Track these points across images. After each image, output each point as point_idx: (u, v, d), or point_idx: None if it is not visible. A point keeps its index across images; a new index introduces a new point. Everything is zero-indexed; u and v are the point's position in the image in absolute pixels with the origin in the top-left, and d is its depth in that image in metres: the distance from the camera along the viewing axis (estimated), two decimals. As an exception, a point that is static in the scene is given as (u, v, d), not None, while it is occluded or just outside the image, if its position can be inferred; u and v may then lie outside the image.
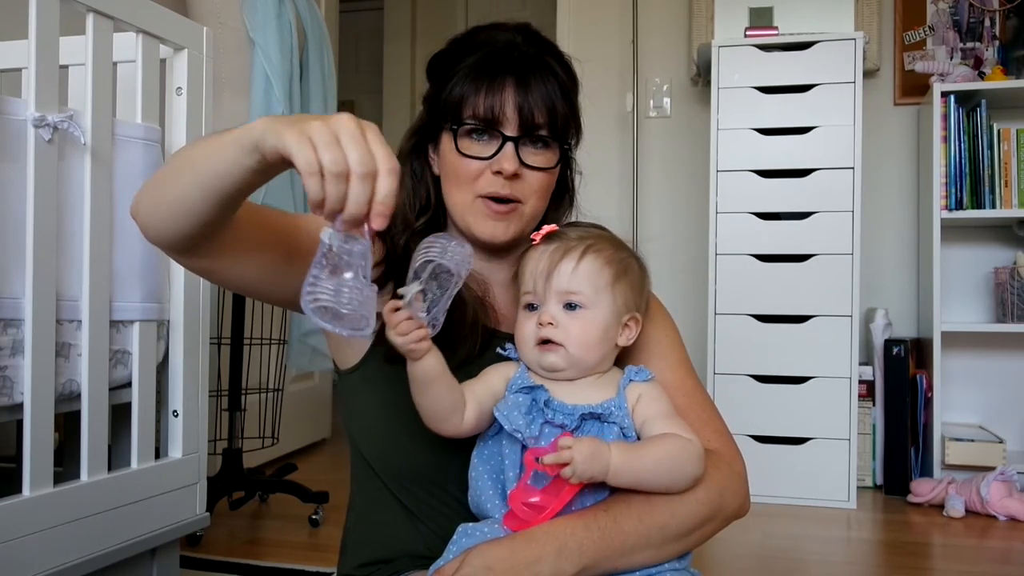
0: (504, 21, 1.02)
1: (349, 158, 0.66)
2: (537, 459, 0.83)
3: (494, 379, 0.92)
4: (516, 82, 0.94)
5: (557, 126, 0.97)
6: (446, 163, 1.00)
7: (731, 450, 1.00)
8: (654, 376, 0.93)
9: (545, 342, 0.89)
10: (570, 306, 0.90)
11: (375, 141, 0.68)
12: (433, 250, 0.80)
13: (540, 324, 0.90)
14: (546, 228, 0.95)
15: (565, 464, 0.80)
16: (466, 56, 0.98)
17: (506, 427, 0.86)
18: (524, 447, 0.87)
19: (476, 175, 0.97)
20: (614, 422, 0.88)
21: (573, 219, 1.09)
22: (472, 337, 0.97)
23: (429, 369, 0.85)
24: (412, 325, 0.81)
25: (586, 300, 0.90)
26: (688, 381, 1.03)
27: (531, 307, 0.92)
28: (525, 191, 0.98)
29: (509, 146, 0.95)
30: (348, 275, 0.70)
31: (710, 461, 0.92)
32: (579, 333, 0.89)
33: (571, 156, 1.06)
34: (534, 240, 0.95)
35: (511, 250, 1.03)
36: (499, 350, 0.95)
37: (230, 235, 0.86)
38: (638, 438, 0.89)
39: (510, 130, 0.95)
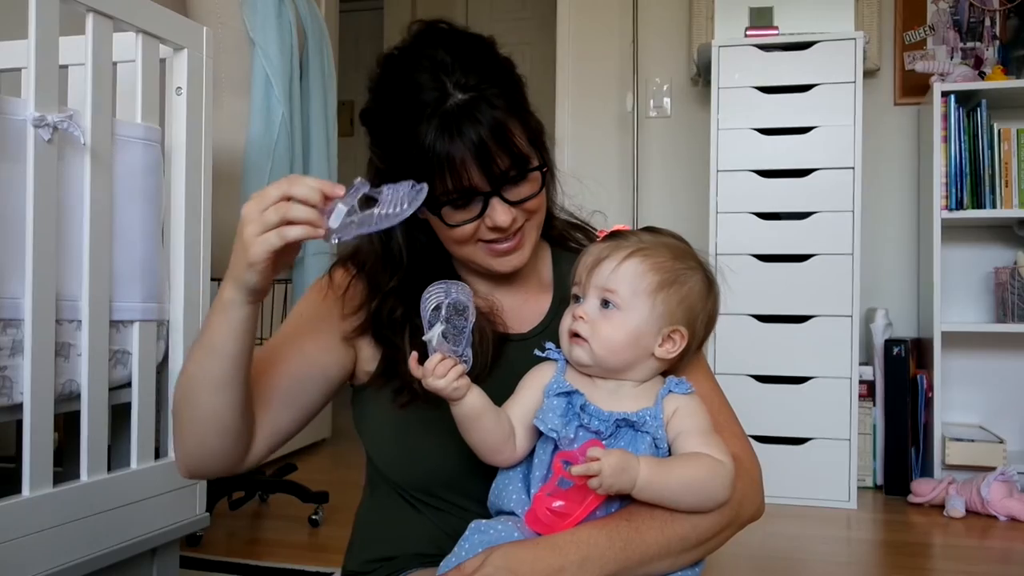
0: (419, 42, 0.94)
1: (271, 194, 0.80)
2: (565, 464, 0.82)
3: (531, 395, 0.91)
4: (468, 149, 0.89)
5: (523, 156, 0.93)
6: (439, 231, 0.98)
7: (749, 455, 0.99)
8: (694, 390, 0.92)
9: (575, 335, 0.90)
10: (605, 304, 0.89)
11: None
12: (438, 294, 0.82)
13: (574, 317, 0.90)
14: (615, 227, 0.95)
15: (593, 475, 0.80)
16: (401, 122, 0.91)
17: (543, 429, 0.86)
18: (556, 448, 0.87)
19: (472, 233, 0.95)
20: (647, 432, 0.87)
21: (559, 191, 1.08)
22: (483, 348, 0.97)
23: (473, 406, 0.85)
24: (448, 365, 0.82)
25: (621, 301, 0.89)
26: (706, 383, 1.02)
27: (576, 298, 0.93)
28: (524, 217, 0.97)
29: (494, 201, 0.93)
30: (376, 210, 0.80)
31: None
32: (606, 333, 0.88)
33: (548, 158, 1.02)
34: (599, 235, 0.96)
35: None
36: (536, 352, 0.94)
37: (259, 398, 0.95)
38: (669, 450, 0.88)
39: (484, 187, 0.92)
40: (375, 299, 0.99)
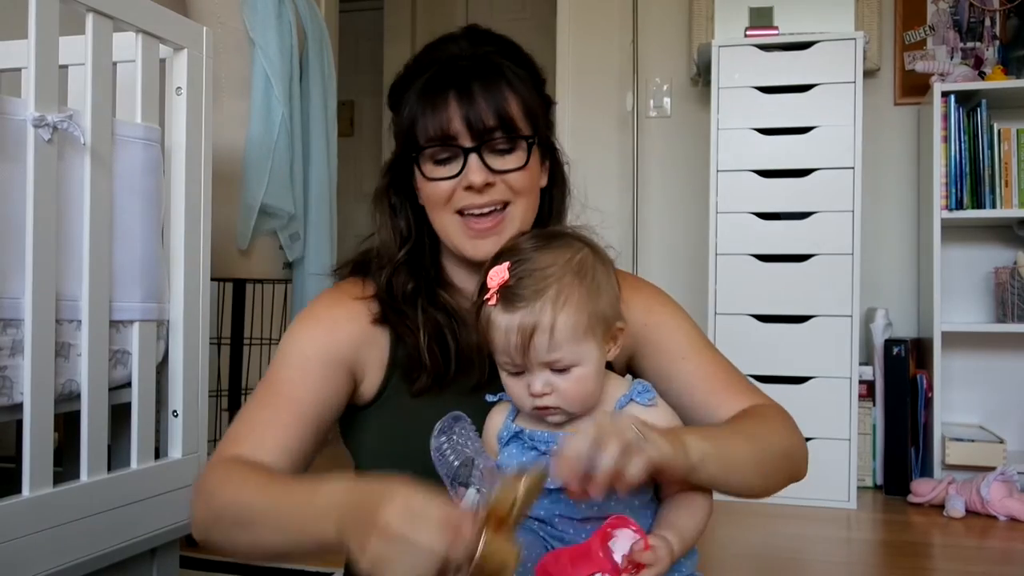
0: (453, 31, 1.01)
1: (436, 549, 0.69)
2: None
3: (494, 448, 0.92)
4: (458, 94, 0.92)
5: (513, 125, 0.94)
6: (422, 192, 0.99)
7: (770, 402, 1.05)
8: (656, 402, 0.90)
9: (543, 408, 0.87)
10: (558, 370, 0.86)
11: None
12: (449, 454, 0.85)
13: (532, 395, 0.86)
14: (497, 281, 0.86)
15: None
16: (415, 79, 0.97)
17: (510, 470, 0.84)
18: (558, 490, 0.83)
19: (449, 194, 0.96)
20: None
21: (574, 210, 1.07)
22: (480, 359, 0.97)
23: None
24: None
25: (571, 359, 0.86)
26: (707, 354, 1.03)
27: (517, 370, 0.88)
28: (506, 194, 0.96)
29: (472, 158, 0.93)
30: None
31: (766, 412, 0.99)
32: (574, 391, 0.86)
33: (552, 147, 1.03)
34: (488, 300, 0.87)
35: None
36: (488, 397, 0.94)
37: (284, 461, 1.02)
38: None
39: (466, 142, 0.93)
40: (387, 275, 1.01)
